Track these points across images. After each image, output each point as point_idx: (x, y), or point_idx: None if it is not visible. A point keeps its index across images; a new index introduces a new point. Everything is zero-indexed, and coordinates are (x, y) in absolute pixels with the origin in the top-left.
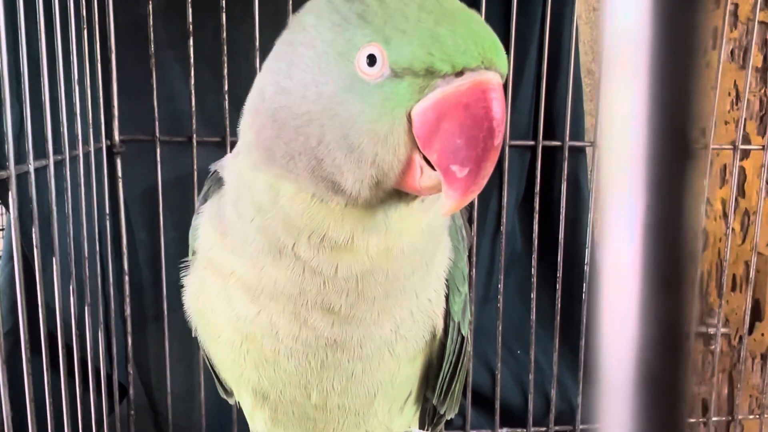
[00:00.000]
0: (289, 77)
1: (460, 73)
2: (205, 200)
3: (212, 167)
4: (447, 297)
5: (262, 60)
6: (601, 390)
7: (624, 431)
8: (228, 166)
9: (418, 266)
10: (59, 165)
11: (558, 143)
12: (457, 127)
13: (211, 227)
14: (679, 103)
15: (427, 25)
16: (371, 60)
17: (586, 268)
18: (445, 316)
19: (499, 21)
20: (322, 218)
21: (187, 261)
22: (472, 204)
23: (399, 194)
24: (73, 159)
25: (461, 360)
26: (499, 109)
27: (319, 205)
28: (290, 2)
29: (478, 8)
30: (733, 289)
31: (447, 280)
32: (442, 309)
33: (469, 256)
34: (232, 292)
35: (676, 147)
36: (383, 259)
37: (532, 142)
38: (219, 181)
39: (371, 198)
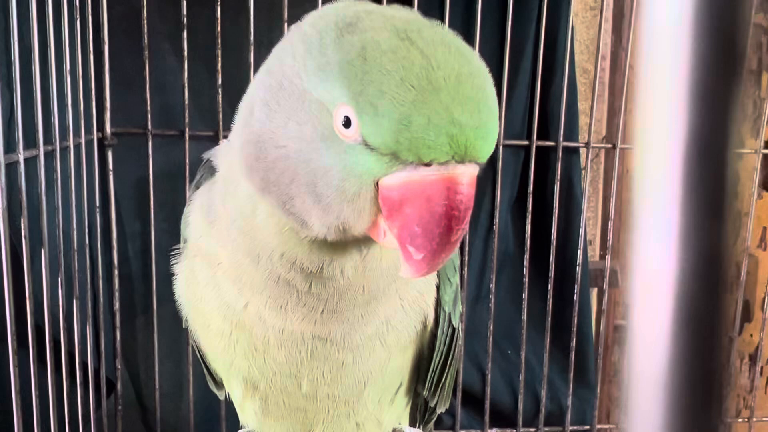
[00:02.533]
0: (277, 101)
1: (428, 164)
2: (197, 188)
3: (205, 155)
4: (438, 287)
5: (256, 54)
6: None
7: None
8: (221, 155)
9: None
10: (49, 156)
11: (552, 143)
12: (416, 215)
13: (201, 215)
14: (726, 16)
15: (401, 107)
16: (347, 121)
17: (578, 269)
18: (436, 307)
19: (494, 20)
20: (292, 246)
21: (178, 248)
22: None
23: (370, 239)
24: (64, 150)
25: (452, 352)
26: (461, 206)
27: (290, 234)
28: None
29: (473, 8)
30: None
31: (438, 271)
32: (434, 300)
33: (461, 255)
34: (220, 281)
35: (723, 64)
36: (360, 278)
37: (525, 142)
38: (212, 170)
39: (338, 239)
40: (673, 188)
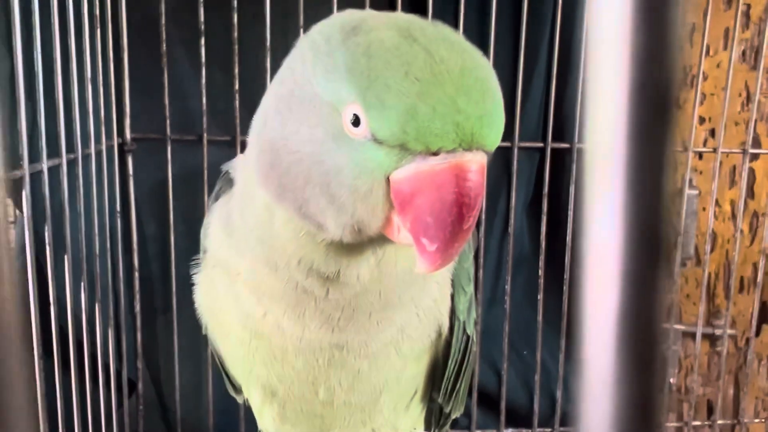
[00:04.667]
0: (289, 108)
1: (436, 153)
2: (216, 199)
3: (224, 167)
4: (452, 296)
5: (272, 59)
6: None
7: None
8: (239, 167)
9: (417, 280)
10: (72, 163)
11: (567, 145)
12: (427, 206)
13: (220, 227)
14: (656, 63)
15: (407, 99)
16: (356, 119)
17: None
18: (451, 316)
19: (509, 22)
20: (309, 251)
21: (198, 259)
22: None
23: (386, 240)
24: (86, 157)
25: (466, 359)
26: (472, 193)
27: (306, 238)
28: (301, 3)
29: (488, 10)
30: (741, 290)
31: (452, 280)
32: (448, 308)
33: (477, 258)
34: (239, 291)
35: (654, 109)
36: (376, 283)
37: (540, 144)
38: (230, 182)
39: (354, 240)
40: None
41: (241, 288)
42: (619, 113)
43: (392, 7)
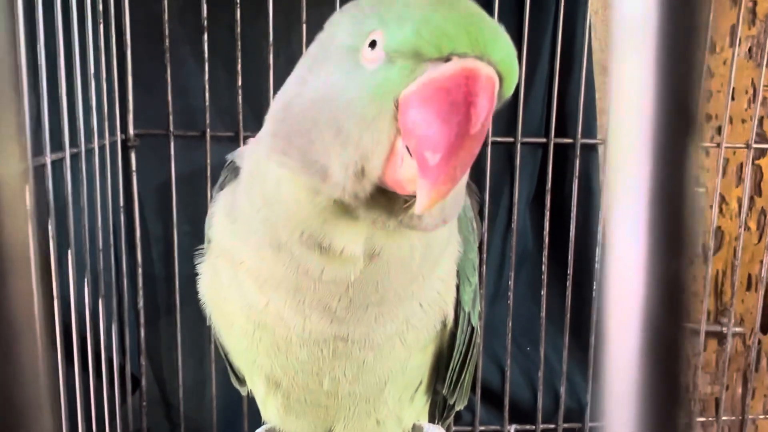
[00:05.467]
0: (309, 70)
1: (448, 59)
2: (221, 189)
3: (229, 157)
4: (457, 288)
5: (275, 55)
6: (608, 355)
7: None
8: (246, 154)
9: (416, 277)
10: (75, 158)
11: (570, 140)
12: (434, 111)
13: (224, 215)
14: (682, 84)
15: (423, 11)
16: (373, 46)
17: (597, 265)
18: (456, 307)
19: (512, 18)
20: (309, 215)
21: (202, 248)
22: (482, 200)
23: (389, 207)
24: (89, 152)
25: (471, 350)
26: (481, 97)
27: (308, 201)
28: (304, 2)
29: (490, 6)
30: (748, 288)
31: (458, 271)
32: (453, 299)
33: (480, 253)
34: (243, 280)
35: (680, 122)
36: (373, 273)
37: (543, 140)
38: (235, 171)
39: (357, 191)
40: (641, 225)
41: (244, 277)
42: (644, 126)
43: None
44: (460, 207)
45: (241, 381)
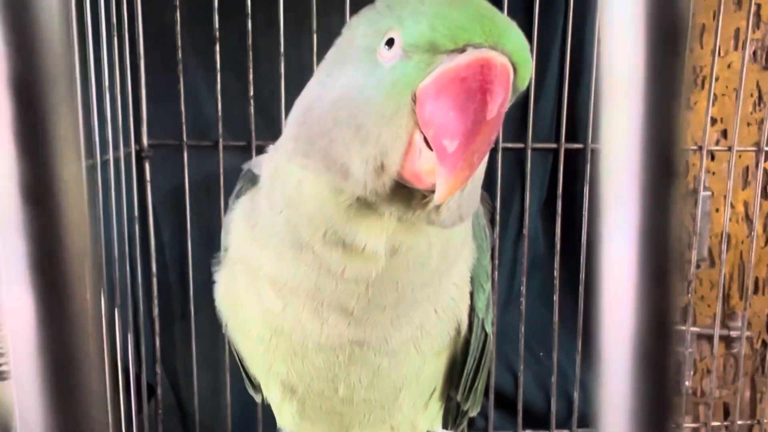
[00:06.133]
0: (328, 73)
1: (463, 51)
2: (238, 197)
3: (245, 166)
4: (471, 294)
5: (286, 65)
6: (601, 370)
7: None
8: (265, 160)
9: (433, 279)
10: (91, 170)
11: (580, 146)
12: (451, 100)
13: (243, 222)
14: (664, 133)
15: (438, 7)
16: (390, 44)
17: None
18: (470, 313)
19: (520, 24)
20: (332, 213)
21: (218, 257)
22: (494, 206)
23: (408, 201)
24: (104, 163)
25: (484, 357)
26: (496, 84)
27: (330, 198)
28: (314, 9)
29: (500, 7)
30: (756, 291)
31: (471, 278)
32: (467, 306)
33: (492, 259)
34: (260, 286)
35: (663, 168)
36: (392, 271)
37: (554, 145)
38: (252, 179)
39: (377, 187)
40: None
41: (262, 282)
42: (632, 165)
43: None
44: (475, 206)
45: (257, 388)
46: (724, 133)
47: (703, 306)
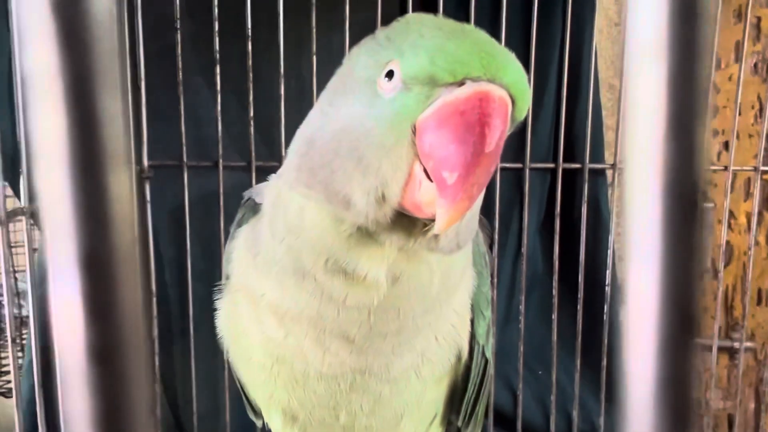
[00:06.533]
0: (330, 102)
1: (462, 84)
2: (239, 226)
3: (246, 194)
4: (472, 321)
5: (286, 87)
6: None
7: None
8: (267, 188)
9: (434, 306)
10: None
11: (578, 165)
12: (451, 133)
13: (245, 250)
14: (687, 173)
15: (437, 40)
16: (390, 76)
17: (607, 288)
18: (470, 340)
19: (518, 43)
20: (334, 242)
21: (220, 285)
22: (493, 229)
23: (408, 230)
24: None
25: (485, 382)
26: (495, 117)
27: (332, 227)
28: (314, 31)
29: (498, 29)
30: (759, 303)
31: (472, 305)
32: (468, 332)
33: (491, 277)
34: (262, 314)
35: (686, 207)
36: (394, 299)
37: (552, 165)
38: (254, 208)
39: (378, 218)
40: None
41: (264, 310)
42: (654, 208)
43: None
44: (474, 232)
45: (258, 413)
46: (726, 145)
47: (706, 317)
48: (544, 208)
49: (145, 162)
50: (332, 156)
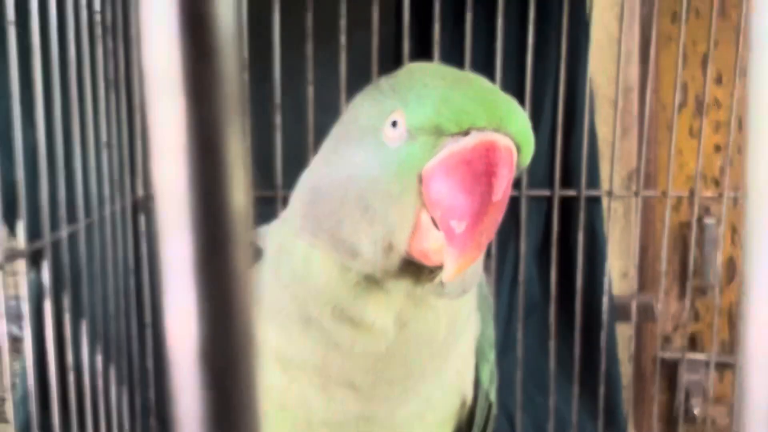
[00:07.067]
0: (334, 151)
1: (467, 133)
2: None
3: None
4: (477, 366)
5: (282, 117)
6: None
7: None
8: (271, 232)
9: (440, 352)
10: (89, 228)
11: (574, 193)
12: (458, 183)
13: None
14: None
15: (441, 90)
16: (394, 125)
17: (605, 315)
18: (474, 385)
19: (513, 72)
20: (341, 290)
21: None
22: (489, 253)
23: (415, 276)
24: (102, 220)
25: (488, 426)
26: (501, 167)
27: (339, 275)
28: (311, 63)
29: (493, 60)
30: None
31: (476, 349)
32: (472, 378)
33: None
34: (265, 361)
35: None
36: (401, 345)
37: (548, 193)
38: (255, 253)
39: (386, 266)
40: None
41: (268, 357)
42: None
43: (398, 55)
44: (479, 276)
45: None
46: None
47: (711, 333)
48: (541, 234)
49: (140, 192)
50: (338, 205)
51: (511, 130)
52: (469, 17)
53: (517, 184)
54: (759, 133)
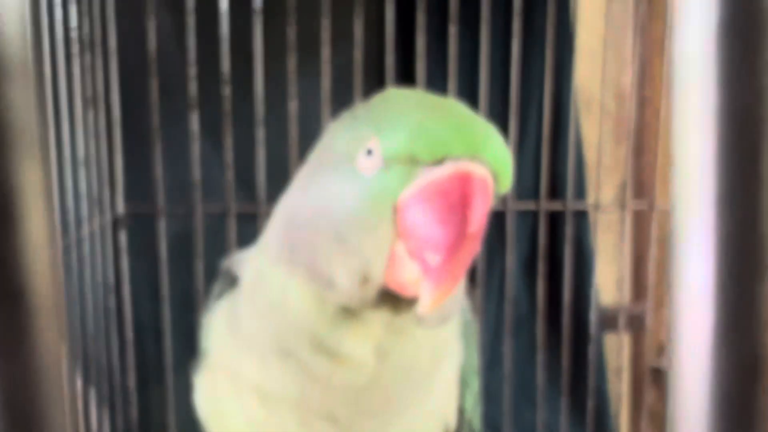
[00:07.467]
0: (309, 178)
1: (443, 162)
2: (217, 299)
3: (224, 265)
4: (460, 393)
5: (266, 132)
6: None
7: None
8: (247, 260)
9: (422, 382)
10: (66, 249)
11: (561, 209)
12: (432, 214)
13: (224, 326)
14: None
15: (416, 118)
16: (370, 153)
17: (592, 328)
18: (458, 414)
19: (499, 85)
20: (317, 320)
21: (196, 361)
22: (475, 268)
23: (394, 307)
24: (80, 239)
25: None
26: (477, 197)
27: (316, 306)
28: (294, 76)
29: (477, 73)
30: None
31: (460, 377)
32: (455, 406)
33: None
34: (243, 394)
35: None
36: (381, 376)
37: (534, 207)
38: (232, 281)
39: (363, 297)
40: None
41: (246, 390)
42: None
43: (382, 69)
44: (460, 303)
45: None
46: None
47: None
48: (527, 248)
49: (120, 210)
50: (313, 235)
51: (488, 159)
52: (452, 30)
53: (502, 198)
54: (681, 143)
